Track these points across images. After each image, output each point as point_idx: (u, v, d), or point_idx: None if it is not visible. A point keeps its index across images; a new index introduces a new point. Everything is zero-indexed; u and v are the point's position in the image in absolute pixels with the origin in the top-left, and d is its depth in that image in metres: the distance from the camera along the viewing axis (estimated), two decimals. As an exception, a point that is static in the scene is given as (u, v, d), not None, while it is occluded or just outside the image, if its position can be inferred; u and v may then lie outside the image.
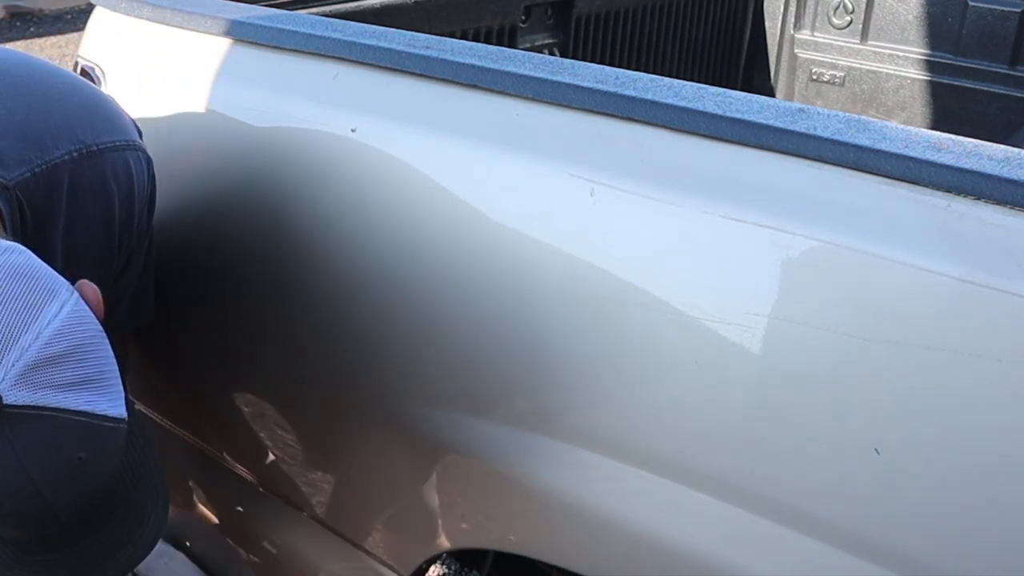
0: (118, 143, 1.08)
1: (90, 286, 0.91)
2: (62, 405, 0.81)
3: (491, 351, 1.00)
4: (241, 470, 1.37)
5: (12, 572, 0.87)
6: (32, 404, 0.79)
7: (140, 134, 1.15)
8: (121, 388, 0.87)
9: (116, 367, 0.87)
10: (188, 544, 1.53)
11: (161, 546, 1.42)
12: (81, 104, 1.08)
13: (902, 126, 0.83)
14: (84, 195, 1.05)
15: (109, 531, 0.91)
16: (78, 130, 1.04)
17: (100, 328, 0.87)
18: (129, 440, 0.90)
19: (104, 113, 1.10)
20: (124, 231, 1.11)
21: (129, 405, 0.89)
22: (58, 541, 0.89)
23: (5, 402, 0.77)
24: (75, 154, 1.03)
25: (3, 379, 0.78)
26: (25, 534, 0.86)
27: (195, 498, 1.49)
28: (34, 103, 1.03)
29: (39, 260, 0.86)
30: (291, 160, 1.12)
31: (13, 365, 0.78)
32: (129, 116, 1.15)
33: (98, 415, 0.83)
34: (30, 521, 0.83)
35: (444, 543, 1.12)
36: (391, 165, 1.04)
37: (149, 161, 1.14)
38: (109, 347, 0.87)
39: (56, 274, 0.86)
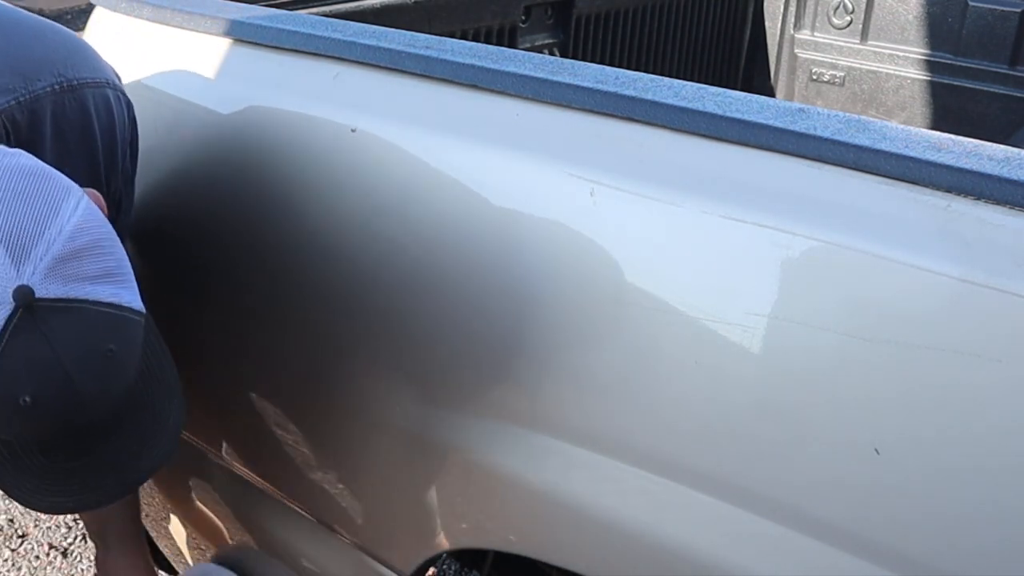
0: (98, 80, 1.10)
1: (92, 191, 0.92)
2: (91, 296, 0.82)
3: (491, 351, 1.00)
4: (241, 469, 1.37)
5: (40, 481, 0.88)
6: (63, 297, 0.80)
7: (119, 80, 1.16)
8: (136, 284, 0.88)
9: (129, 263, 0.89)
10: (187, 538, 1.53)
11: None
12: (61, 43, 1.10)
13: (902, 126, 0.83)
14: (66, 129, 1.07)
15: (130, 432, 0.92)
16: (59, 65, 1.06)
17: (111, 225, 0.89)
18: (144, 338, 0.92)
19: (83, 53, 1.12)
20: (110, 170, 1.13)
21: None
22: (86, 441, 0.89)
23: (37, 295, 0.79)
24: (56, 87, 1.04)
25: (33, 273, 0.79)
26: (55, 432, 0.86)
27: (194, 496, 1.49)
28: (15, 39, 1.05)
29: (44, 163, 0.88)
30: (291, 160, 1.12)
31: (41, 259, 0.80)
32: (108, 63, 1.17)
33: (124, 307, 0.85)
34: (63, 413, 0.83)
35: (444, 543, 1.12)
36: (391, 165, 1.04)
37: (129, 104, 1.15)
38: (121, 244, 0.89)
39: (63, 175, 0.88)
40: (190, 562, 1.58)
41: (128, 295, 0.86)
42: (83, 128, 1.08)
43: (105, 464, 0.91)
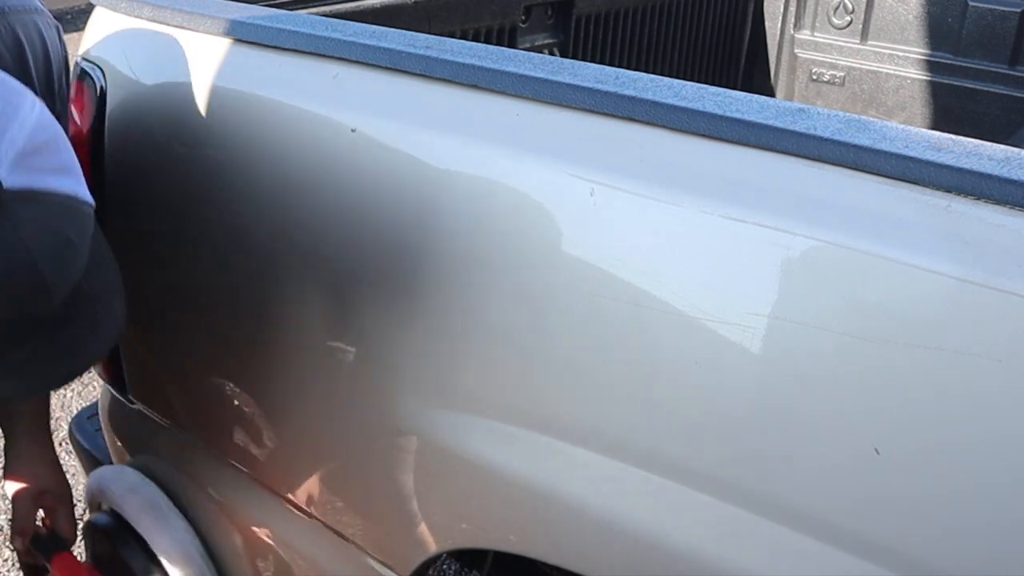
0: (27, 7, 1.15)
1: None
2: (52, 188, 0.88)
3: (491, 351, 1.00)
4: (241, 469, 1.37)
5: None
6: (28, 187, 0.85)
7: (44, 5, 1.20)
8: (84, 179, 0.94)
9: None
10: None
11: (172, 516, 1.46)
12: None
13: (902, 126, 0.83)
14: (4, 54, 1.11)
15: (81, 323, 0.96)
16: None
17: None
18: (93, 232, 0.98)
19: None
20: (47, 94, 1.18)
21: None
22: (43, 327, 0.92)
23: (5, 186, 0.83)
24: None
25: (0, 164, 0.83)
26: (17, 313, 0.89)
27: (195, 495, 1.49)
28: None
29: None
30: (291, 160, 1.12)
31: (6, 153, 0.84)
32: None
33: (80, 199, 0.91)
34: (27, 298, 0.87)
35: (444, 543, 1.12)
36: (391, 165, 1.04)
37: (58, 27, 1.19)
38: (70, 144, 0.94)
39: (15, 79, 0.92)
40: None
41: (82, 189, 0.92)
42: (17, 52, 1.12)
43: (51, 352, 0.94)
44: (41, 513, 1.45)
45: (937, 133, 0.81)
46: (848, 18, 2.51)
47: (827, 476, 0.81)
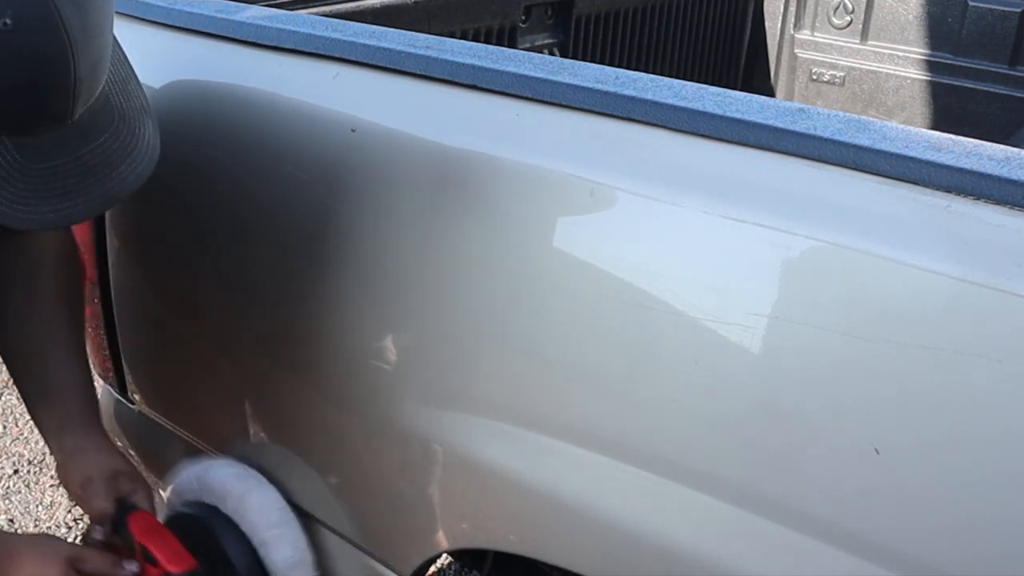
0: None
1: None
2: None
3: (491, 351, 1.00)
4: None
5: (14, 186, 0.87)
6: None
7: None
8: None
9: None
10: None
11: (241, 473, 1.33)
12: None
13: (902, 126, 0.83)
14: None
15: (108, 140, 0.92)
16: None
17: None
18: (114, 53, 0.95)
19: None
20: None
21: None
22: (65, 142, 0.89)
23: None
24: None
25: None
26: (40, 104, 0.86)
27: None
28: None
29: None
30: (291, 160, 1.12)
31: None
32: None
33: None
34: (43, 45, 0.84)
35: (444, 543, 1.12)
36: (391, 165, 1.04)
37: None
38: None
39: None
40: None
41: None
42: None
43: (86, 168, 0.90)
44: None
45: (937, 133, 0.81)
46: (848, 18, 2.51)
47: (827, 476, 0.81)
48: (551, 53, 2.13)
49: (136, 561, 1.16)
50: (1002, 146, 0.79)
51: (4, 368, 1.37)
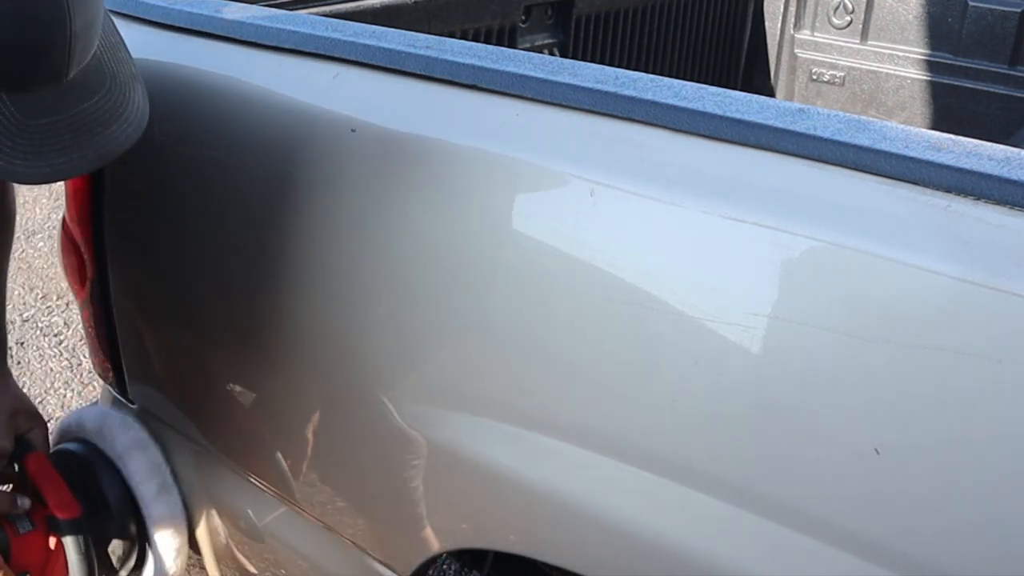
0: None
1: None
2: None
3: (491, 351, 1.00)
4: (241, 469, 1.37)
5: (13, 141, 0.91)
6: None
7: None
8: None
9: None
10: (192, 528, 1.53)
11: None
12: None
13: (902, 126, 0.83)
14: None
15: (100, 100, 0.96)
16: None
17: None
18: (105, 22, 1.00)
19: None
20: None
21: None
22: (60, 101, 0.93)
23: None
24: None
25: None
26: (38, 61, 0.90)
27: (196, 497, 1.49)
28: None
29: None
30: (291, 160, 1.12)
31: None
32: None
33: None
34: (51, 29, 0.89)
35: (444, 543, 1.12)
36: (391, 165, 1.04)
37: None
38: None
39: None
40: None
41: None
42: None
43: (80, 126, 0.95)
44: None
45: (937, 133, 0.81)
46: (848, 18, 2.51)
47: (827, 476, 0.81)
48: (551, 53, 2.13)
49: (28, 498, 1.31)
50: (1002, 146, 0.79)
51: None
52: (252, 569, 1.44)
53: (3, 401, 1.37)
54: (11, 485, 1.40)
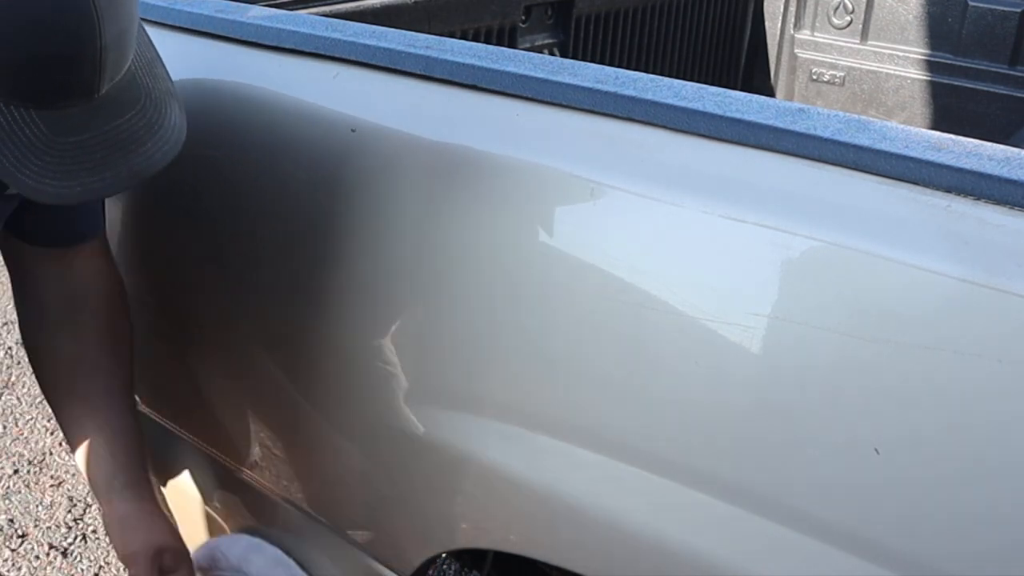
0: None
1: None
2: None
3: (491, 350, 1.00)
4: (241, 470, 1.37)
5: (42, 160, 0.88)
6: None
7: None
8: None
9: None
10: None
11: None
12: None
13: (902, 126, 0.83)
14: None
15: (134, 118, 0.93)
16: None
17: None
18: (140, 35, 0.96)
19: None
20: None
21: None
22: (91, 117, 0.90)
23: None
24: None
25: None
26: (65, 73, 0.87)
27: (195, 496, 1.49)
28: None
29: None
30: (291, 160, 1.12)
31: None
32: None
33: None
34: (79, 41, 0.85)
35: (444, 543, 1.12)
36: (390, 165, 1.04)
37: None
38: None
39: None
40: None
41: None
42: None
43: (113, 144, 0.91)
44: None
45: (937, 133, 0.81)
46: (848, 18, 2.51)
47: (827, 476, 0.81)
48: (551, 53, 2.13)
49: None
50: (1002, 146, 0.79)
51: (3, 369, 1.36)
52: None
53: (148, 535, 1.22)
54: None
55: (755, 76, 2.72)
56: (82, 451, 1.24)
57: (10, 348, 2.92)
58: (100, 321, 1.26)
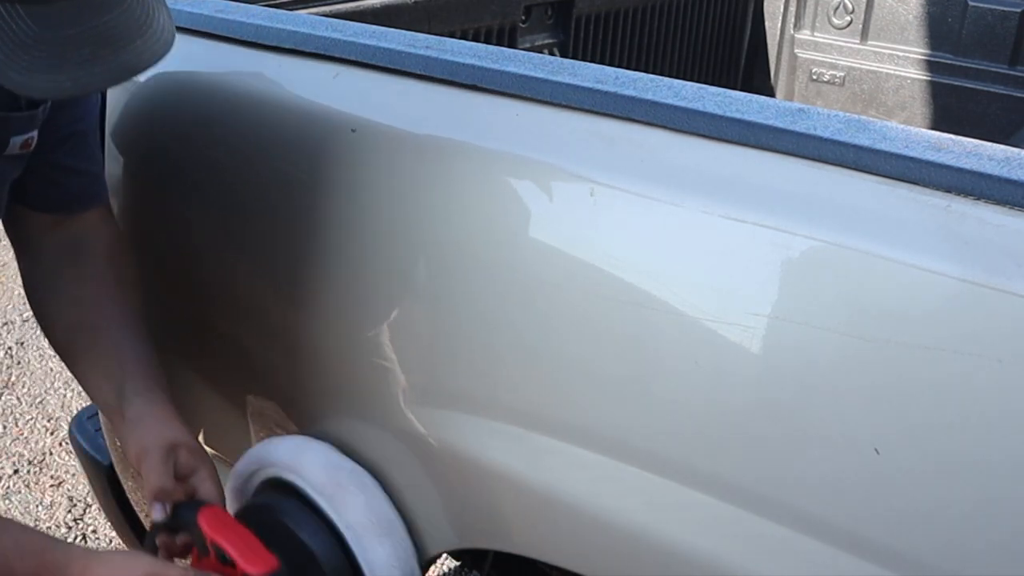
0: None
1: None
2: None
3: (491, 350, 1.00)
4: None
5: (31, 54, 0.88)
6: None
7: None
8: None
9: None
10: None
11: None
12: None
13: (902, 126, 0.83)
14: None
15: (121, 15, 0.92)
16: None
17: None
18: None
19: None
20: None
21: None
22: (79, 11, 0.89)
23: None
24: None
25: None
26: None
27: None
28: None
29: None
30: (291, 160, 1.12)
31: None
32: None
33: None
34: None
35: (444, 543, 1.12)
36: (390, 165, 1.04)
37: None
38: None
39: None
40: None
41: None
42: None
43: (101, 39, 0.91)
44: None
45: (937, 133, 0.81)
46: (848, 18, 2.51)
47: (827, 476, 0.81)
48: (551, 53, 2.13)
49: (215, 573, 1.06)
50: (1002, 146, 0.79)
51: (3, 369, 1.36)
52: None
53: (161, 431, 1.13)
54: (189, 559, 1.14)
55: (755, 76, 2.72)
56: (92, 372, 1.20)
57: (10, 348, 2.92)
58: (101, 263, 1.24)
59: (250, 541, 1.05)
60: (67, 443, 2.45)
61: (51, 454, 2.51)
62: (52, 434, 2.58)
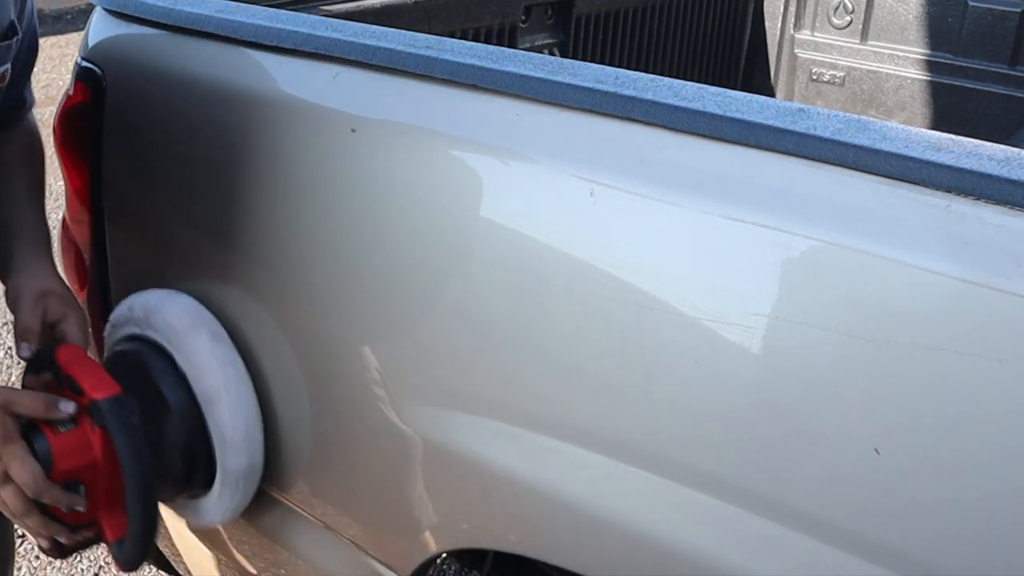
0: None
1: None
2: None
3: (491, 350, 1.00)
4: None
5: None
6: None
7: None
8: None
9: None
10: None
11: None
12: None
13: (902, 126, 0.83)
14: None
15: None
16: None
17: None
18: None
19: None
20: None
21: None
22: None
23: None
24: None
25: None
26: None
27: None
28: None
29: None
30: (291, 161, 1.12)
31: None
32: None
33: None
34: None
35: (444, 543, 1.12)
36: (391, 165, 1.04)
37: None
38: None
39: None
40: (189, 568, 1.58)
41: None
42: None
43: None
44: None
45: (937, 133, 0.81)
46: (848, 18, 2.51)
47: (827, 476, 0.81)
48: (551, 53, 2.13)
49: (71, 400, 1.11)
50: (1002, 146, 0.79)
51: (3, 369, 1.36)
52: (252, 570, 1.44)
53: (34, 279, 1.21)
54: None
55: (755, 76, 2.72)
56: None
57: (10, 348, 2.92)
58: (18, 149, 1.33)
59: (99, 372, 1.15)
60: None
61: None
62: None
